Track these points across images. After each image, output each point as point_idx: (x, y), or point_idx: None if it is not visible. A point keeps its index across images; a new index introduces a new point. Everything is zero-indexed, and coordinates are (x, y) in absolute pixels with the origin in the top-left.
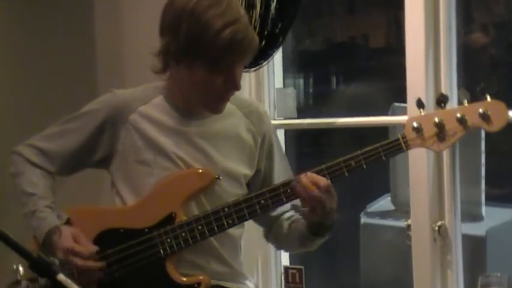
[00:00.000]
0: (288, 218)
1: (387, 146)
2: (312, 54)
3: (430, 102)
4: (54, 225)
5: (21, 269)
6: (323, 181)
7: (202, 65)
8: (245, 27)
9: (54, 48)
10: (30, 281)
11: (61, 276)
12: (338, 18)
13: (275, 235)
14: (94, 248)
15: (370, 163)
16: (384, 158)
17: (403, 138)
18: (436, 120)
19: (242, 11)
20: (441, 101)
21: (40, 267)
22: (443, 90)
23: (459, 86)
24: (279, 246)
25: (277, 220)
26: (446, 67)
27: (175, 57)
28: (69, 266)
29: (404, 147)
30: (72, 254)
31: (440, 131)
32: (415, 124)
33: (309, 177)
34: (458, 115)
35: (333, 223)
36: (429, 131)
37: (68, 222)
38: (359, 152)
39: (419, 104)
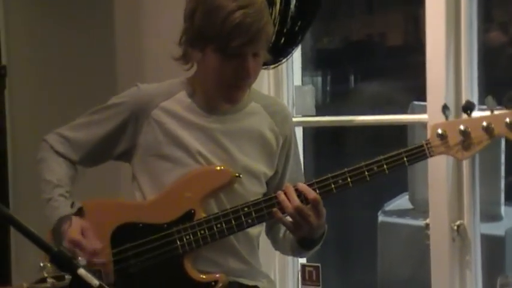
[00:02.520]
0: (283, 228)
1: (411, 152)
2: (329, 52)
3: (450, 100)
4: (65, 214)
5: (47, 266)
6: (311, 195)
7: (214, 49)
8: (258, 12)
9: (76, 44)
10: (56, 278)
11: (81, 271)
12: (356, 17)
13: (272, 236)
14: (98, 245)
15: (394, 169)
16: (407, 164)
17: (427, 144)
18: (462, 127)
19: None
20: (468, 108)
21: (61, 261)
22: (464, 89)
23: (480, 85)
24: (275, 247)
25: (276, 227)
26: (467, 65)
27: (190, 43)
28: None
29: (428, 154)
30: (77, 247)
31: (465, 139)
32: (439, 131)
33: (299, 188)
34: (485, 124)
35: (321, 237)
36: (454, 138)
37: (81, 211)
38: (381, 157)
39: (445, 110)
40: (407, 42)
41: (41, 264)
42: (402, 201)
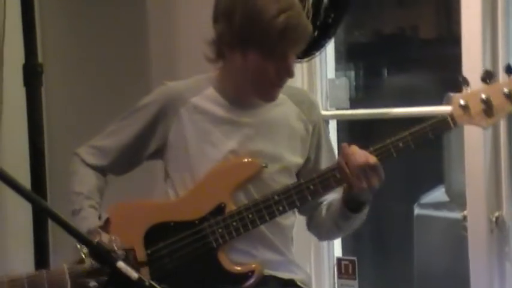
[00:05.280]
0: (326, 204)
1: (434, 124)
2: (362, 45)
3: None
4: (94, 226)
5: (85, 248)
6: (372, 159)
7: (256, 51)
8: (299, 13)
9: (111, 42)
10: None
11: (121, 264)
12: (387, 9)
13: (315, 222)
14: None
15: (418, 142)
16: (430, 135)
17: (450, 115)
18: (483, 96)
19: None
20: (486, 77)
21: (100, 254)
22: (501, 78)
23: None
24: (318, 233)
25: (318, 207)
26: (504, 56)
27: (229, 44)
28: None
29: (452, 124)
30: None
31: (488, 107)
32: (461, 101)
33: (358, 151)
34: (506, 90)
35: (368, 201)
36: (476, 107)
37: (107, 223)
38: (406, 132)
39: (464, 82)
40: (439, 33)
41: (78, 246)
42: (438, 194)
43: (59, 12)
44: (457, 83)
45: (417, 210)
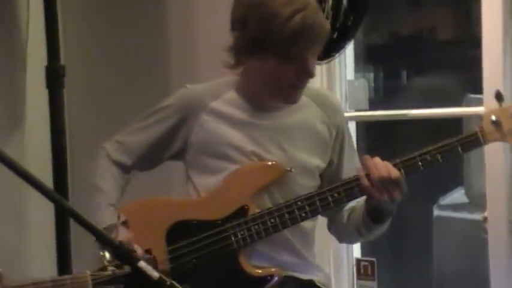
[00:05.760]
0: (348, 209)
1: (465, 140)
2: (381, 47)
3: (508, 93)
4: (111, 223)
5: (107, 255)
6: (395, 173)
7: (273, 55)
8: (315, 12)
9: (131, 45)
10: (116, 267)
11: (142, 263)
12: (405, 11)
13: (336, 226)
14: (142, 253)
15: (447, 157)
16: (461, 152)
17: (481, 131)
18: None
19: None
20: None
21: (122, 254)
22: None
23: None
24: (339, 237)
25: (340, 212)
26: None
27: (245, 50)
28: None
29: (482, 141)
30: None
31: None
32: (493, 117)
33: (383, 163)
34: None
35: (392, 212)
36: (508, 124)
37: (125, 222)
38: (435, 146)
39: (498, 97)
40: (458, 35)
41: (101, 253)
42: (457, 196)
43: (81, 16)
44: (477, 84)
45: (436, 212)
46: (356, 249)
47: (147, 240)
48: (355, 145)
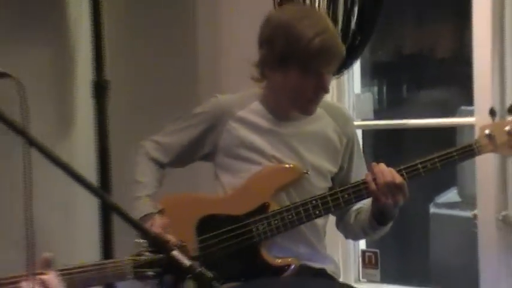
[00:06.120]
0: (355, 210)
1: (461, 150)
2: (385, 64)
3: (496, 104)
4: (149, 212)
5: (142, 242)
6: (398, 178)
7: (295, 71)
8: (333, 36)
9: (164, 62)
10: (151, 252)
11: (175, 252)
12: (407, 32)
13: (344, 225)
14: (177, 241)
15: (446, 165)
16: (457, 161)
17: (476, 144)
18: (507, 128)
19: (330, 23)
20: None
21: (157, 243)
22: (509, 94)
23: None
24: (346, 234)
25: (348, 212)
26: (511, 74)
27: (270, 66)
28: None
29: (477, 153)
30: None
31: (511, 138)
32: (487, 131)
33: (386, 169)
34: None
35: (394, 216)
36: (501, 138)
37: (161, 212)
38: (435, 155)
39: (492, 113)
40: (453, 54)
41: (136, 241)
42: (451, 195)
43: (122, 37)
44: (469, 98)
45: (432, 209)
46: (362, 242)
47: (179, 230)
48: (362, 153)
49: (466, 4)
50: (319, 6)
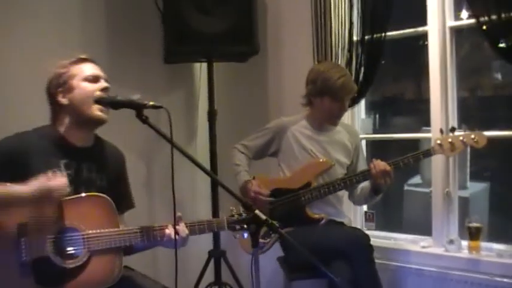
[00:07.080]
0: (360, 187)
1: (424, 152)
2: (377, 101)
3: (443, 127)
4: (247, 179)
5: (234, 209)
6: (388, 168)
7: (328, 99)
8: (350, 79)
9: (254, 97)
10: (239, 215)
11: (257, 211)
12: (388, 84)
13: (353, 196)
14: (267, 193)
15: (416, 161)
16: (421, 159)
17: (432, 149)
18: (450, 140)
19: (348, 72)
20: (453, 129)
21: (246, 205)
22: (451, 121)
23: (459, 119)
24: (354, 201)
25: (356, 188)
26: (451, 107)
27: (313, 96)
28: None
29: (433, 153)
30: (256, 194)
31: (452, 146)
32: (438, 142)
33: (381, 163)
34: (461, 138)
35: (384, 190)
36: (446, 145)
37: (254, 178)
38: (409, 154)
39: (441, 131)
40: (418, 96)
41: (230, 208)
42: (417, 179)
43: (226, 80)
44: (428, 122)
45: (406, 187)
46: (364, 206)
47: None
48: (364, 153)
49: (423, 65)
50: (340, 63)
